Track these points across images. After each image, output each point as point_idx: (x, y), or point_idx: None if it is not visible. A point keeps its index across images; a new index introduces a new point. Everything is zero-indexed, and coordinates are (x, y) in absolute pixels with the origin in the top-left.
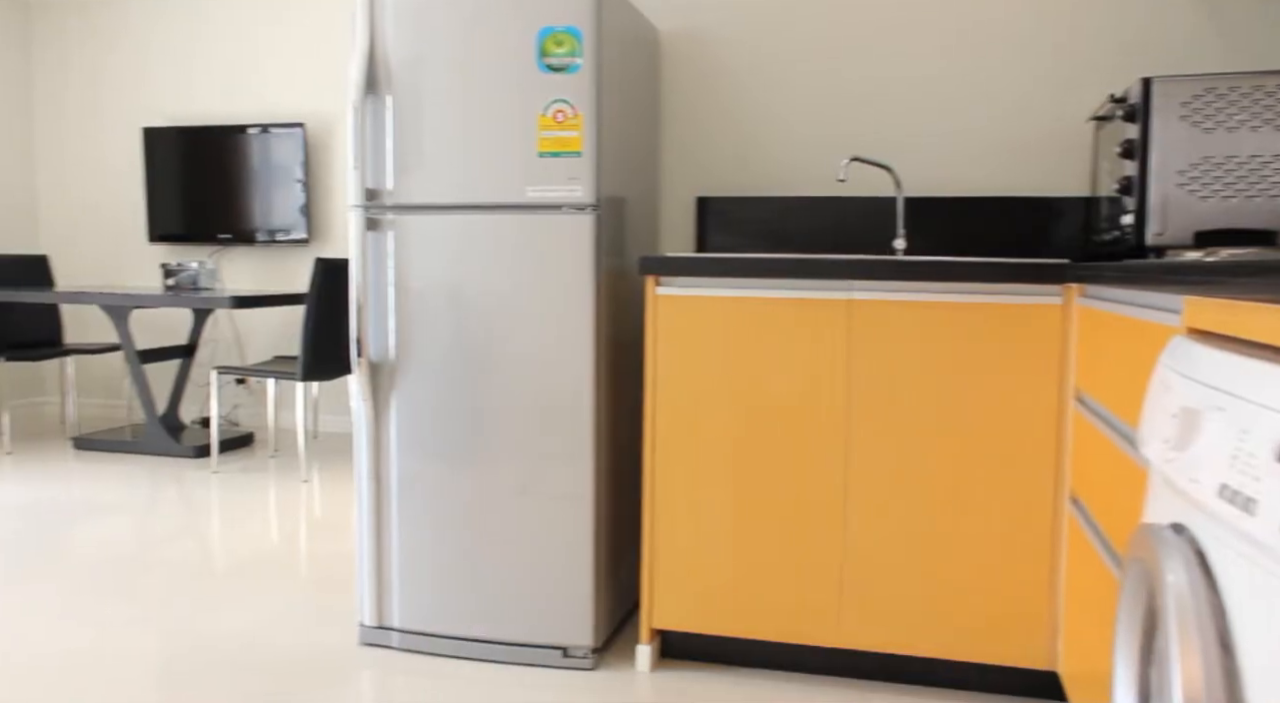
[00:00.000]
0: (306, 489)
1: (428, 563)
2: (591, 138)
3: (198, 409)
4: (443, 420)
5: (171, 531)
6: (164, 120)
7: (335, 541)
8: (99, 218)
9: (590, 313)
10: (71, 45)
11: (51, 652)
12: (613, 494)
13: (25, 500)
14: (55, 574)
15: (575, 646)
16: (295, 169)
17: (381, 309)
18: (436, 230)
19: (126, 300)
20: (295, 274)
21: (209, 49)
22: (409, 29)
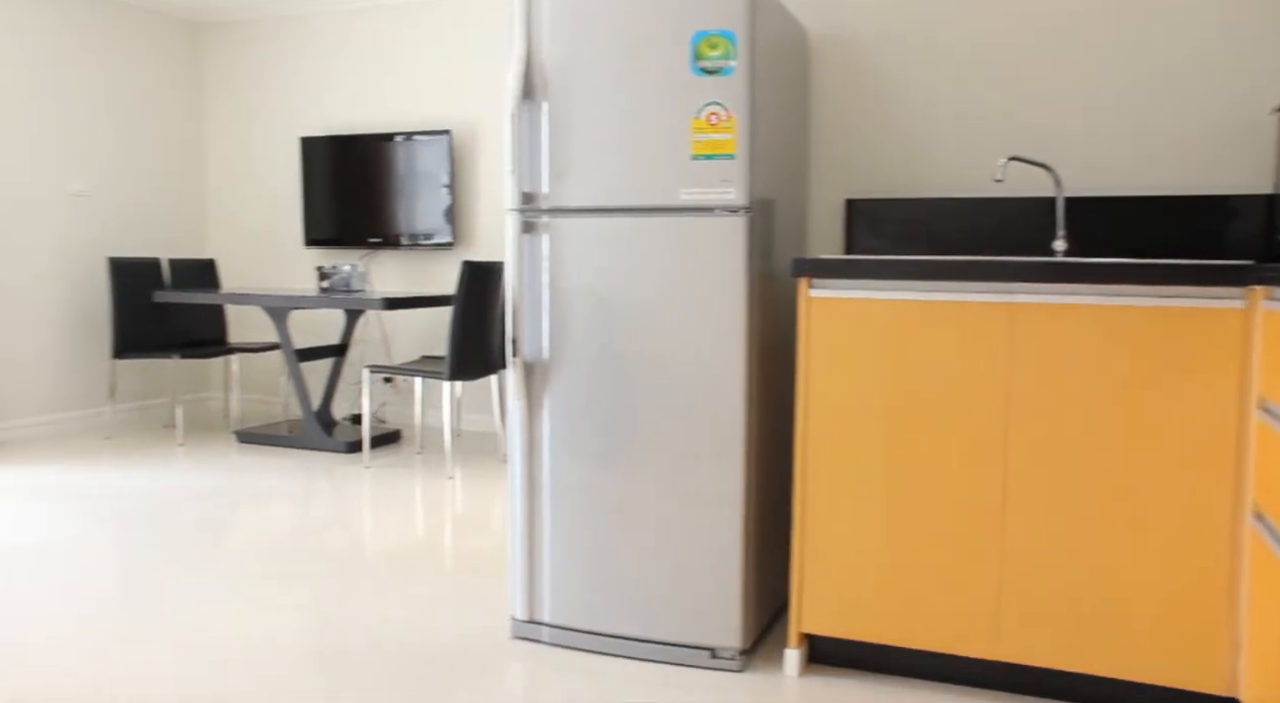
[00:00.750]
0: (451, 486)
1: (578, 560)
2: (744, 140)
3: (348, 406)
4: (593, 420)
5: (326, 521)
6: (319, 130)
7: (479, 536)
8: (260, 224)
9: (742, 314)
10: (237, 64)
11: (217, 631)
12: (762, 496)
13: (195, 489)
14: (221, 559)
15: (723, 647)
16: (441, 175)
17: (535, 310)
18: (589, 233)
19: (286, 302)
20: (440, 277)
21: (361, 62)
22: (564, 36)
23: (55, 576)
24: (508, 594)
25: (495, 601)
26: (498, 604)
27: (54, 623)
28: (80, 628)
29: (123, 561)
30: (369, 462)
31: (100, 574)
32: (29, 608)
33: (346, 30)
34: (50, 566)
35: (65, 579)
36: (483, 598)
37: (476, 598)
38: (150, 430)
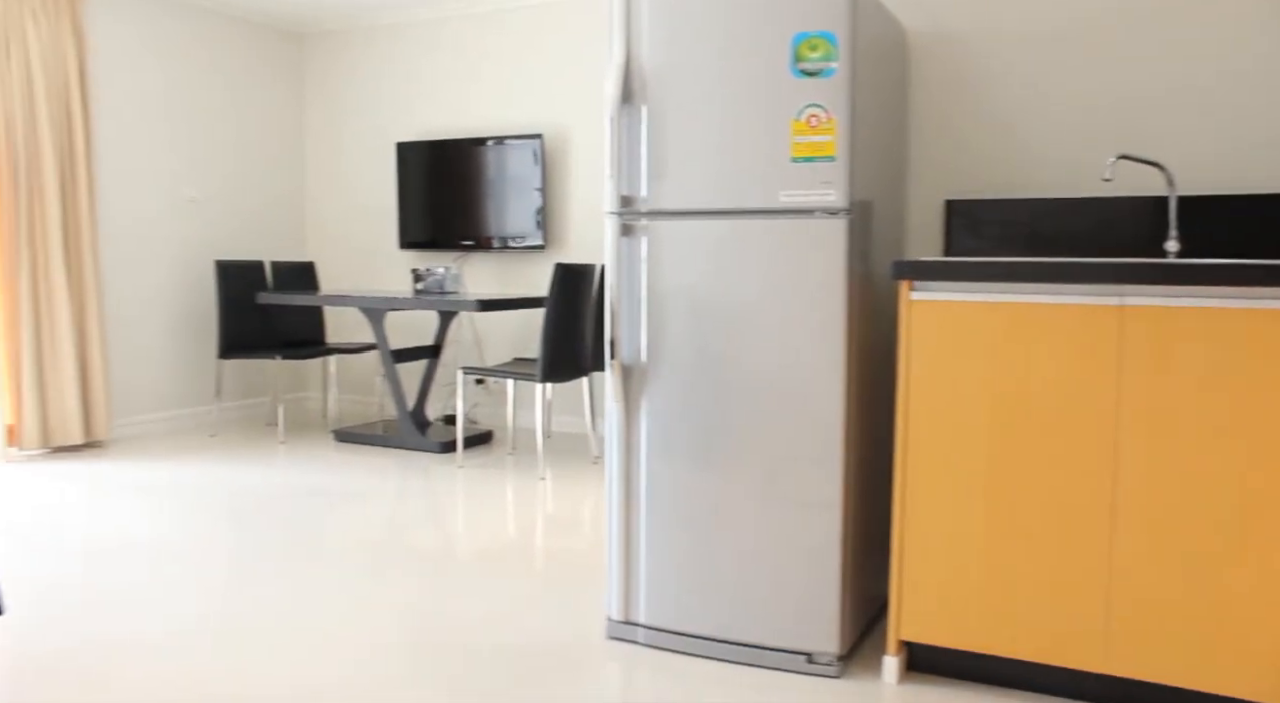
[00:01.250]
0: (543, 486)
1: (674, 562)
2: (845, 142)
3: (440, 406)
4: (690, 422)
5: (420, 520)
6: (414, 136)
7: (570, 536)
8: (356, 227)
9: (841, 317)
10: (336, 73)
11: (316, 626)
12: (860, 500)
13: (296, 486)
14: (320, 555)
15: (820, 652)
16: (533, 178)
17: (633, 313)
18: (688, 235)
19: (383, 304)
20: (531, 279)
21: (454, 68)
22: (663, 41)
23: (166, 567)
24: (600, 595)
25: (587, 601)
26: (590, 604)
27: (164, 613)
28: (187, 619)
29: (228, 554)
30: (462, 461)
31: (207, 567)
32: (142, 598)
33: (440, 38)
34: (161, 557)
35: (175, 571)
36: (575, 598)
37: (569, 598)
38: (253, 428)
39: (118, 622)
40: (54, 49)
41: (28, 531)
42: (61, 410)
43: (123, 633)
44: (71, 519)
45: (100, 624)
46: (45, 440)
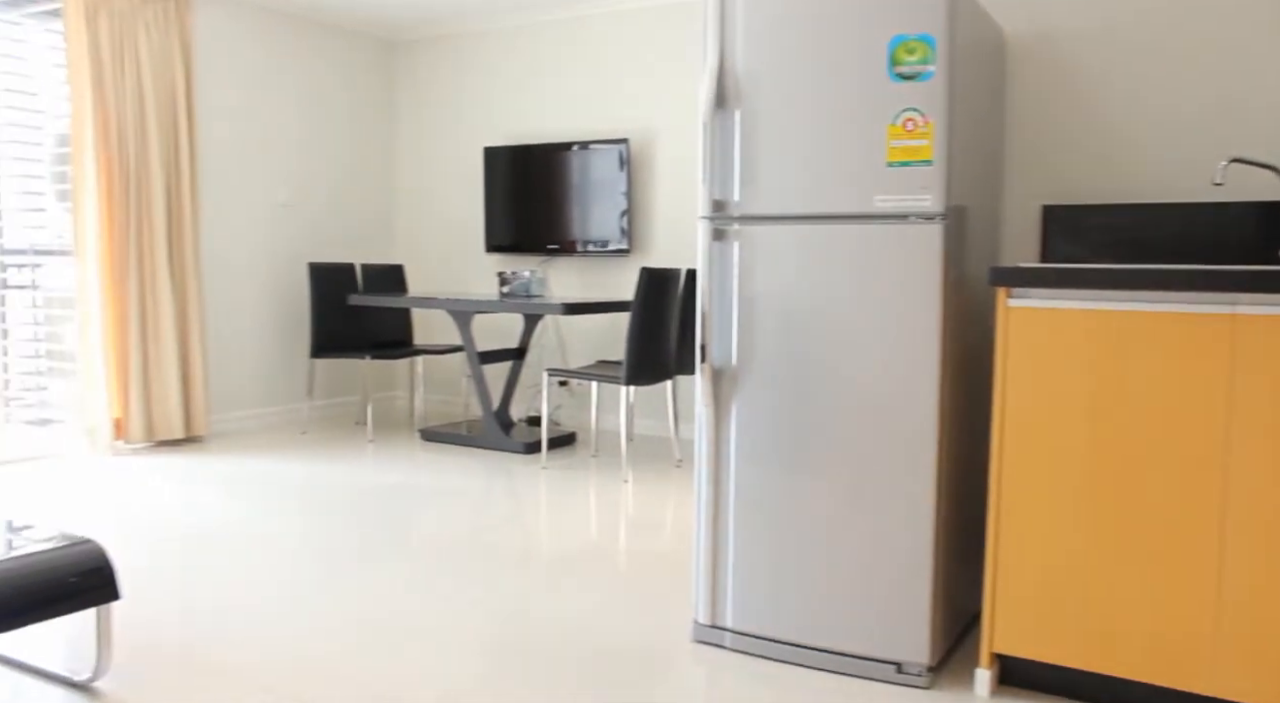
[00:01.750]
0: (626, 489)
1: (762, 567)
2: (942, 146)
3: (523, 408)
4: (781, 427)
5: (504, 519)
6: (501, 140)
7: (653, 539)
8: (444, 230)
9: (936, 324)
10: (425, 79)
11: (399, 622)
12: (952, 508)
13: (383, 484)
14: (406, 552)
15: (910, 662)
16: (618, 183)
17: (724, 317)
18: (780, 240)
19: (470, 306)
20: (615, 283)
21: (541, 74)
22: (757, 45)
23: (257, 558)
24: (684, 598)
25: (671, 604)
26: (674, 607)
27: (253, 602)
28: (279, 610)
29: (316, 548)
30: (546, 463)
31: (296, 560)
32: (232, 588)
33: (528, 44)
34: (252, 549)
35: (265, 563)
36: (658, 601)
37: (652, 601)
38: (342, 426)
39: (218, 609)
40: (163, 60)
41: (135, 519)
42: (164, 407)
43: (223, 620)
44: (174, 510)
45: (202, 611)
46: (149, 435)
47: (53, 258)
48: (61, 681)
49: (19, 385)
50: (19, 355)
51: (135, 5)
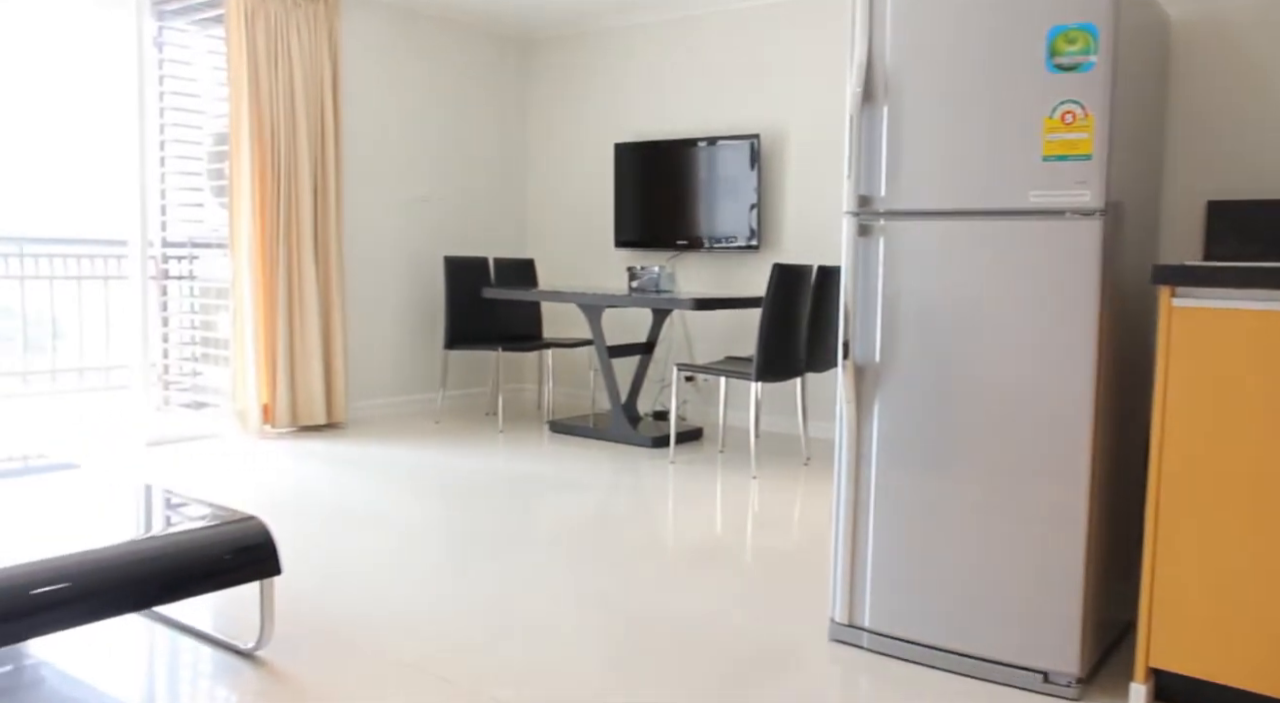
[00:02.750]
0: (755, 485)
1: (903, 568)
2: (1102, 140)
3: (649, 403)
4: (924, 427)
5: (632, 513)
6: (632, 136)
7: (781, 537)
8: (574, 226)
9: (1092, 323)
10: (558, 77)
11: (525, 610)
12: (1105, 514)
13: (514, 474)
14: (533, 541)
15: (1058, 672)
16: (748, 178)
17: (867, 313)
18: (927, 236)
19: (601, 300)
20: (743, 279)
21: (673, 71)
22: (907, 37)
23: (395, 541)
24: (813, 596)
25: (800, 602)
26: (805, 606)
27: (392, 582)
28: (413, 589)
29: (450, 533)
30: (674, 457)
31: (432, 544)
32: (373, 568)
33: (659, 41)
34: (391, 532)
35: (403, 546)
36: (789, 598)
37: (782, 598)
38: (473, 416)
39: (360, 587)
40: (313, 61)
41: (282, 499)
42: (308, 394)
43: (365, 597)
44: (317, 492)
45: (345, 588)
46: (294, 420)
47: (207, 250)
48: (228, 648)
49: (176, 370)
50: (177, 342)
51: (289, 8)
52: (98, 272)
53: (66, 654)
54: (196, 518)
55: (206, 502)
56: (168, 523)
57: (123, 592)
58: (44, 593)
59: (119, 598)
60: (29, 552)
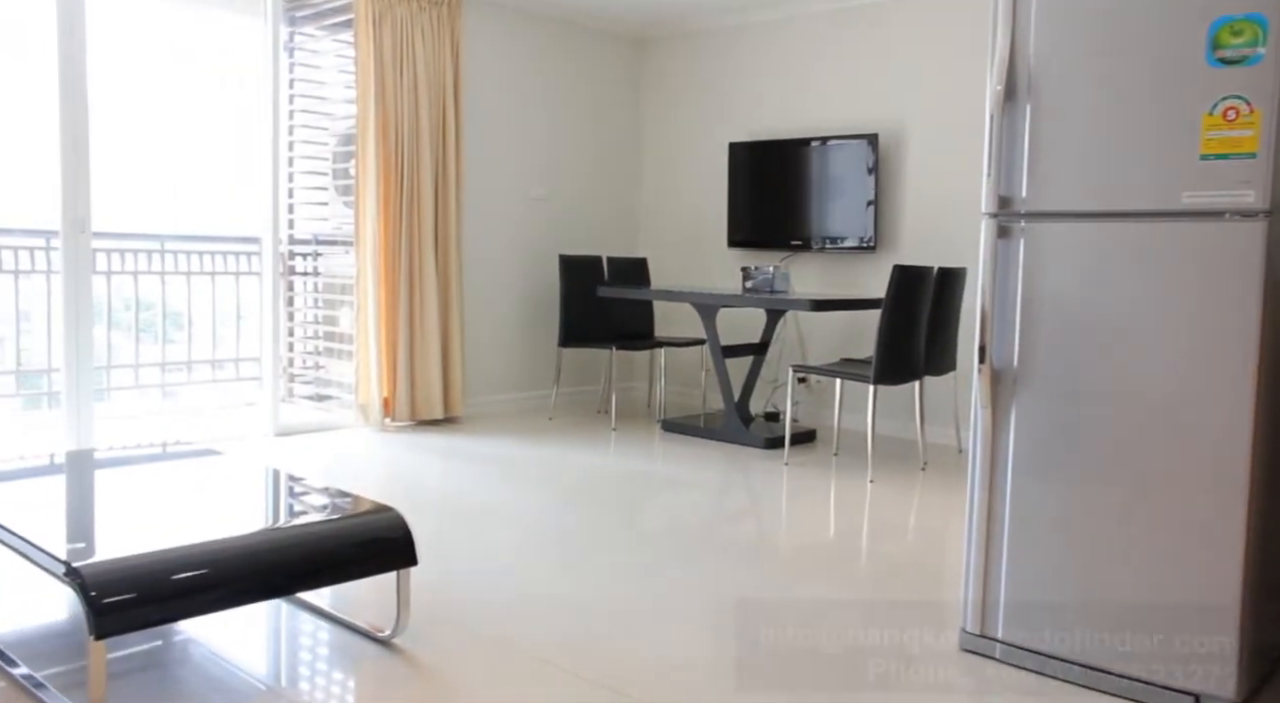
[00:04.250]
0: (872, 489)
1: (1039, 579)
2: (1270, 137)
3: (760, 404)
4: (1066, 434)
5: (745, 513)
6: (746, 136)
7: (898, 542)
8: (686, 225)
9: (1253, 330)
10: (672, 76)
11: (636, 606)
12: (1264, 533)
13: (627, 472)
14: (644, 538)
15: (1212, 695)
16: (865, 178)
17: (1005, 317)
18: (1071, 238)
19: (716, 300)
20: (859, 280)
21: (788, 69)
22: (1053, 31)
23: (514, 535)
24: (935, 605)
25: (921, 609)
26: (924, 613)
27: (514, 574)
28: (531, 581)
29: (566, 528)
30: (788, 459)
31: (548, 538)
32: (494, 560)
33: (775, 39)
34: (509, 525)
35: (521, 539)
36: (907, 605)
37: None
38: (585, 414)
39: (484, 579)
40: (436, 63)
41: (405, 491)
42: (427, 389)
43: (488, 588)
44: (438, 485)
45: (469, 579)
46: (412, 414)
47: (330, 247)
48: (366, 635)
49: (299, 364)
50: (301, 336)
51: (414, 12)
52: (230, 268)
53: (211, 633)
54: (337, 508)
55: (346, 492)
56: (310, 512)
57: (269, 578)
58: (192, 577)
59: (265, 584)
60: (181, 536)
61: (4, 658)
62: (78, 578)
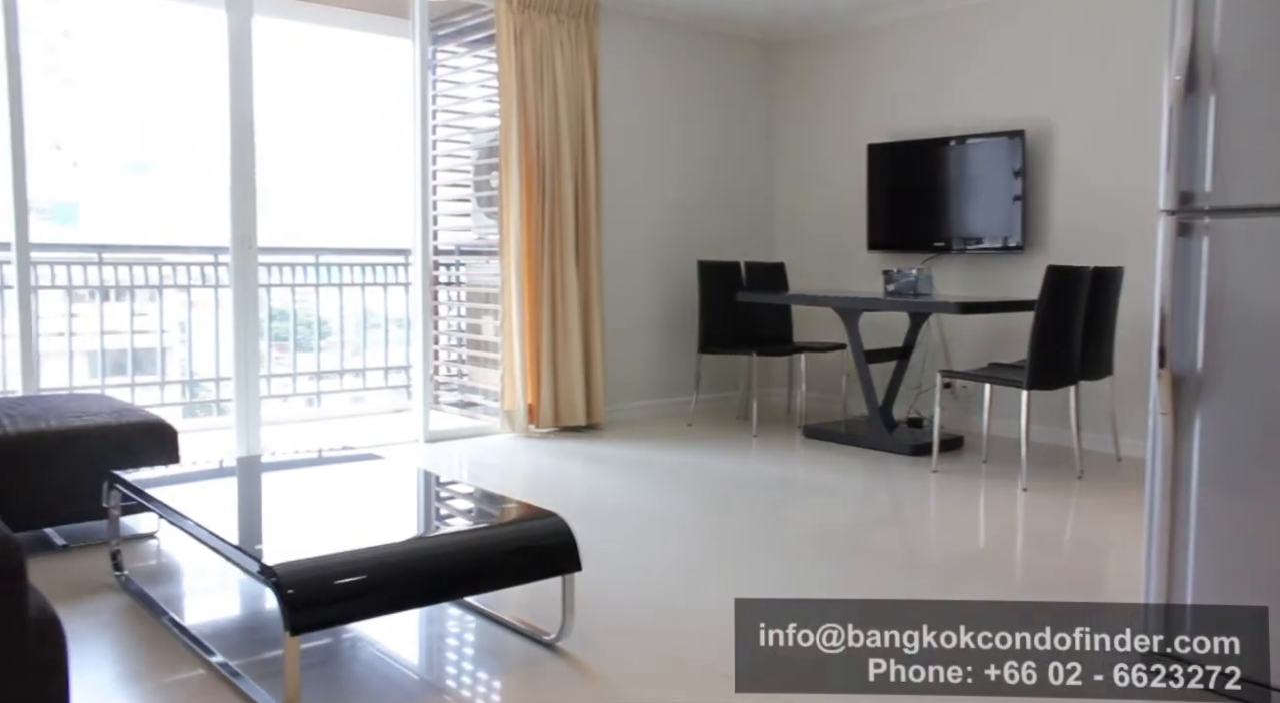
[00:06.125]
0: (1025, 498)
1: (1231, 599)
2: None
3: (902, 409)
4: (1261, 445)
5: (890, 519)
6: (886, 136)
7: (1053, 554)
8: (823, 228)
9: None
10: (806, 78)
11: None
12: None
13: (770, 478)
14: (786, 544)
15: None
16: (1010, 177)
17: (1185, 319)
18: (1265, 234)
19: (859, 304)
20: (1005, 282)
21: (927, 68)
22: (1243, 17)
23: (655, 539)
24: (1099, 620)
25: (1086, 625)
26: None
27: (663, 577)
28: (681, 585)
29: (709, 534)
30: (936, 465)
31: (693, 544)
32: (644, 562)
33: (913, 37)
34: (651, 530)
35: (662, 543)
36: (1071, 620)
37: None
38: (724, 419)
39: (636, 581)
40: (574, 73)
41: (551, 496)
42: (569, 395)
43: (641, 590)
44: (583, 490)
45: (624, 582)
46: (556, 420)
47: (473, 257)
48: (531, 638)
49: (444, 371)
50: (445, 344)
51: (553, 26)
52: (379, 280)
53: (376, 631)
54: (504, 513)
55: (510, 498)
56: (479, 517)
57: (447, 581)
58: (376, 579)
59: (443, 587)
60: (362, 538)
61: (202, 647)
62: (273, 577)
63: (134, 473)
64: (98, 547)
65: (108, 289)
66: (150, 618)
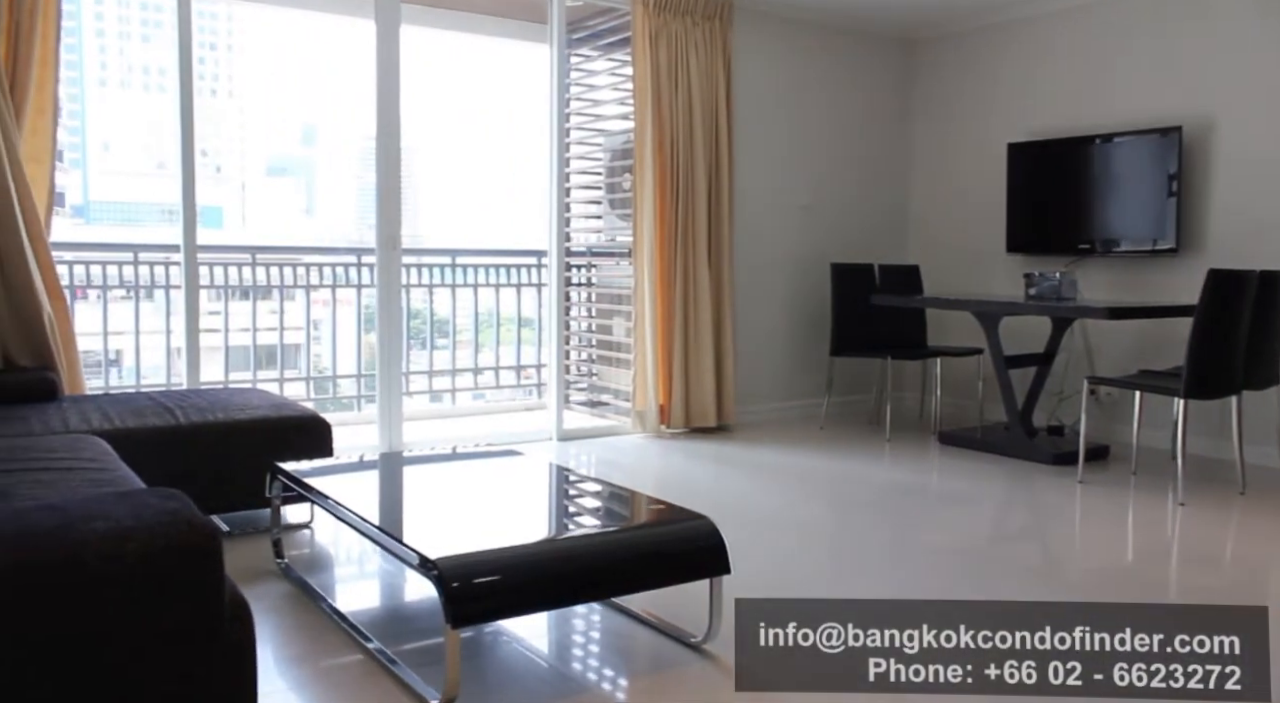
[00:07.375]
0: (1181, 513)
1: None
2: None
3: (1042, 417)
4: None
5: (1034, 531)
6: (1027, 135)
7: (1211, 575)
8: (959, 230)
9: None
10: (942, 77)
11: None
12: None
13: (904, 484)
14: (929, 553)
15: None
16: (1163, 175)
17: None
18: None
19: (999, 308)
20: (1154, 285)
21: (1071, 63)
22: None
23: (789, 542)
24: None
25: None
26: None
27: (790, 584)
28: (810, 591)
29: (843, 539)
30: (1082, 476)
31: (823, 547)
32: (770, 568)
33: (1055, 32)
34: (785, 534)
35: (796, 547)
36: (1236, 649)
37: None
38: (855, 423)
39: (770, 587)
40: (708, 76)
41: (684, 497)
42: (700, 396)
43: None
44: (716, 491)
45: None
46: (687, 422)
47: (604, 259)
48: (677, 639)
49: (575, 371)
50: (576, 344)
51: (688, 28)
52: (512, 280)
53: (521, 627)
54: (653, 514)
55: (658, 499)
56: (628, 517)
57: (599, 580)
58: (534, 575)
59: (596, 585)
60: (517, 535)
61: (359, 633)
62: (435, 570)
63: (295, 465)
64: (257, 535)
65: (258, 288)
66: (309, 604)
